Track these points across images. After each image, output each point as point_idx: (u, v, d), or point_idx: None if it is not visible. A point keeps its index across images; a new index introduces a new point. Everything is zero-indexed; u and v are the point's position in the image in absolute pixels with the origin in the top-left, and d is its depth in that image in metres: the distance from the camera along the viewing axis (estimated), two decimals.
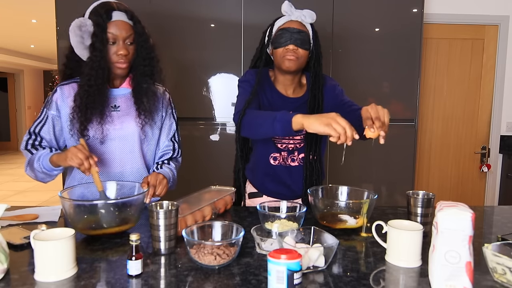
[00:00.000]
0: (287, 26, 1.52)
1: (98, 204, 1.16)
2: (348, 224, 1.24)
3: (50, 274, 0.90)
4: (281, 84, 1.61)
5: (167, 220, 1.05)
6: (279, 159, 1.61)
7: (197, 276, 0.93)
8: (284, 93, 1.60)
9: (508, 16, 3.23)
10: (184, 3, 2.64)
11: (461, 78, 3.27)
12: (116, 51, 1.37)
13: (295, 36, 1.50)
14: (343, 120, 1.17)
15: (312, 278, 0.93)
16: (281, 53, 1.52)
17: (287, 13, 1.54)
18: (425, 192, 1.24)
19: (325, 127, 1.17)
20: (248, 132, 1.44)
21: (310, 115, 1.24)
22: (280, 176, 1.61)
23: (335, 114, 1.19)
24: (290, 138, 1.59)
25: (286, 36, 1.50)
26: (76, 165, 1.25)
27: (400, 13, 2.75)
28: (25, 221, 1.29)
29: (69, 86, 1.45)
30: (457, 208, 0.88)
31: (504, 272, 0.89)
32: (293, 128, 1.25)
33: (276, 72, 1.62)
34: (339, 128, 1.15)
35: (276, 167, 1.61)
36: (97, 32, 1.34)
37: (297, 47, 1.50)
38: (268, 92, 1.59)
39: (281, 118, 1.27)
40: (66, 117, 1.42)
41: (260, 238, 1.06)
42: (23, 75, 10.13)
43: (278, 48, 1.52)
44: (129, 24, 1.39)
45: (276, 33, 1.53)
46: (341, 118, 1.18)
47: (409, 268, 0.99)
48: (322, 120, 1.18)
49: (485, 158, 3.35)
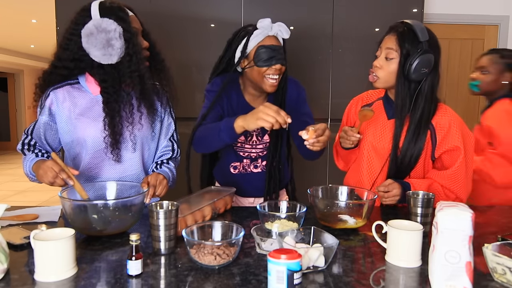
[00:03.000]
0: (268, 43, 1.45)
1: (98, 204, 1.16)
2: (348, 224, 1.24)
3: (50, 274, 0.90)
4: (250, 95, 1.59)
5: (167, 220, 1.05)
6: (239, 168, 1.62)
7: (197, 276, 0.93)
8: (250, 102, 1.59)
9: (508, 16, 3.23)
10: (184, 3, 2.64)
11: (461, 78, 3.27)
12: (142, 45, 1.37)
13: (279, 55, 1.45)
14: (271, 108, 1.23)
15: (312, 278, 0.93)
16: (264, 72, 1.45)
17: (266, 29, 1.46)
18: (425, 192, 1.24)
19: (257, 121, 1.25)
20: (201, 148, 1.50)
21: (247, 115, 1.29)
22: (239, 185, 1.61)
23: (262, 107, 1.25)
24: (252, 146, 1.61)
25: (270, 54, 1.44)
26: (48, 183, 1.21)
27: (400, 13, 2.76)
28: (25, 221, 1.29)
29: (63, 89, 1.39)
30: (457, 208, 0.88)
31: (504, 272, 0.89)
32: (237, 132, 1.32)
33: (246, 83, 1.57)
34: (269, 118, 1.23)
35: (235, 175, 1.63)
36: (126, 28, 1.29)
37: (281, 66, 1.46)
38: (234, 100, 1.57)
39: (225, 127, 1.34)
40: (64, 120, 1.39)
41: (260, 238, 1.06)
42: (23, 75, 10.13)
43: (263, 67, 1.45)
44: (137, 18, 1.39)
45: (257, 50, 1.45)
46: (269, 107, 1.24)
47: (409, 268, 0.99)
48: (254, 117, 1.26)
49: None
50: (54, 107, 1.39)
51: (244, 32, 1.49)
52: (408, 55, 1.37)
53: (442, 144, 1.42)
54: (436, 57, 1.39)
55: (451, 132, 1.41)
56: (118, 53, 1.29)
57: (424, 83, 1.40)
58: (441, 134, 1.41)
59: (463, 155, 1.40)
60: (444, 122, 1.41)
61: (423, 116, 1.41)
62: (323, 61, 2.78)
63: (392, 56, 1.40)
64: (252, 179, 1.64)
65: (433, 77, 1.41)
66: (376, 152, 1.51)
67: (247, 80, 1.55)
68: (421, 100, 1.41)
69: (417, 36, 1.36)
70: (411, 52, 1.37)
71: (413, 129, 1.41)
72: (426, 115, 1.41)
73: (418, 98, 1.41)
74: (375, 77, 1.46)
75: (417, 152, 1.42)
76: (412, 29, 1.37)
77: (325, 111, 2.82)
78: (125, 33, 1.30)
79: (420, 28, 1.37)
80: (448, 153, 1.43)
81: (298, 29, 2.73)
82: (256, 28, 1.48)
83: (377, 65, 1.44)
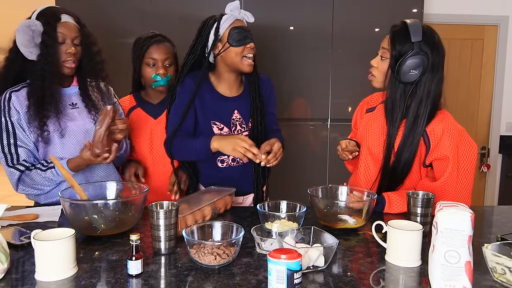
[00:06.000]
0: (238, 24, 1.53)
1: (98, 204, 1.16)
2: (348, 224, 1.24)
3: (50, 274, 0.90)
4: (224, 84, 1.62)
5: (167, 220, 1.05)
6: (227, 161, 1.63)
7: (197, 276, 0.93)
8: (225, 93, 1.62)
9: (507, 16, 3.23)
10: (184, 3, 2.64)
11: (460, 78, 3.27)
12: (65, 50, 1.42)
13: (250, 35, 1.54)
14: (245, 142, 1.41)
15: (312, 278, 0.93)
16: (240, 52, 1.51)
17: (235, 12, 1.54)
18: (424, 192, 1.24)
19: (232, 152, 1.44)
20: (179, 158, 1.62)
21: (222, 138, 1.48)
22: (230, 177, 1.64)
23: (239, 140, 1.42)
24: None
25: (244, 34, 1.51)
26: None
27: (400, 13, 2.75)
28: (25, 221, 1.29)
29: (22, 91, 1.44)
30: (457, 208, 0.88)
31: (504, 272, 0.89)
32: (213, 152, 1.50)
33: (220, 72, 1.60)
34: (243, 150, 1.40)
35: (224, 169, 1.64)
36: (47, 30, 1.38)
37: (253, 45, 1.54)
38: (208, 96, 1.59)
39: (201, 148, 1.50)
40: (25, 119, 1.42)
41: (260, 238, 1.06)
42: None
43: (238, 47, 1.51)
44: (76, 26, 1.46)
45: (230, 32, 1.51)
46: (243, 141, 1.41)
47: (409, 268, 0.99)
48: (229, 145, 1.44)
49: (485, 158, 3.35)
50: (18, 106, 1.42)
51: (213, 20, 1.56)
52: (398, 55, 1.32)
53: (433, 152, 1.35)
54: (434, 59, 1.33)
55: (442, 140, 1.33)
56: (36, 52, 1.39)
57: (417, 86, 1.34)
58: (434, 142, 1.34)
59: (451, 165, 1.32)
60: (438, 129, 1.34)
61: (415, 121, 1.35)
62: (323, 61, 2.78)
63: (385, 56, 1.38)
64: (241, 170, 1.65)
65: (430, 81, 1.34)
66: (373, 157, 1.48)
67: (222, 67, 1.58)
68: (414, 105, 1.35)
69: (410, 36, 1.31)
70: (402, 53, 1.31)
71: (406, 134, 1.36)
72: (420, 120, 1.34)
73: (411, 102, 1.36)
74: (372, 77, 1.45)
75: (409, 157, 1.37)
76: (406, 28, 1.32)
77: (325, 111, 2.81)
78: (44, 35, 1.38)
79: (415, 28, 1.31)
80: (438, 162, 1.36)
81: (298, 29, 2.73)
82: (223, 14, 1.55)
83: (373, 64, 1.43)
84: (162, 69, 1.66)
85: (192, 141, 1.53)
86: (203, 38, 1.57)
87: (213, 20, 1.55)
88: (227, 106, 1.61)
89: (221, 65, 1.58)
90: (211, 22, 1.55)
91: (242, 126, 1.63)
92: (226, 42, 1.52)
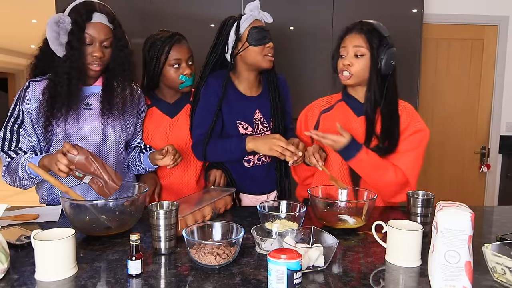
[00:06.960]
0: (257, 24, 1.55)
1: (98, 204, 1.16)
2: (348, 224, 1.24)
3: (50, 274, 0.90)
4: (244, 84, 1.63)
5: (167, 220, 1.05)
6: (253, 160, 1.65)
7: (197, 276, 0.93)
8: (246, 92, 1.63)
9: (507, 16, 3.23)
10: (184, 3, 2.64)
11: (460, 78, 3.27)
12: (91, 52, 1.36)
13: (269, 35, 1.56)
14: (281, 142, 1.40)
15: (312, 278, 0.93)
16: (260, 51, 1.53)
17: (254, 12, 1.56)
18: (424, 192, 1.24)
19: (269, 151, 1.43)
20: (213, 159, 1.63)
21: (257, 139, 1.48)
22: (256, 176, 1.67)
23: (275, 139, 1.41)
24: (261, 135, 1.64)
25: (263, 34, 1.53)
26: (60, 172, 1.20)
27: (400, 13, 2.75)
28: (25, 221, 1.29)
29: (42, 83, 1.41)
30: (457, 208, 0.88)
31: (504, 272, 0.89)
32: (248, 152, 1.51)
33: (241, 71, 1.61)
34: (280, 149, 1.40)
35: (250, 169, 1.65)
36: (74, 31, 1.33)
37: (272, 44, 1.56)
38: (232, 96, 1.60)
39: (236, 149, 1.52)
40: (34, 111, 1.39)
41: (260, 238, 1.06)
42: (23, 75, 10.11)
43: (258, 46, 1.53)
44: (108, 27, 1.39)
45: (250, 31, 1.53)
46: (279, 140, 1.41)
47: (409, 268, 0.99)
48: (266, 145, 1.44)
49: (485, 158, 3.35)
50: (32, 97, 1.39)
51: (233, 20, 1.57)
52: (378, 50, 1.43)
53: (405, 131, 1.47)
54: None
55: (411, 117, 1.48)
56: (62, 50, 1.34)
57: (391, 76, 1.47)
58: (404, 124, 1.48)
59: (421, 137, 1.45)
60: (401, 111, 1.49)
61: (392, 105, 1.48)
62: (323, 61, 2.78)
63: (361, 53, 1.44)
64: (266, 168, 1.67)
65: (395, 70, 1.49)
66: None
67: (242, 66, 1.59)
68: (391, 93, 1.47)
69: (381, 32, 1.44)
70: (379, 47, 1.43)
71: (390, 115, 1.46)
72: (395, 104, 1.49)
73: (388, 91, 1.47)
74: (348, 75, 1.46)
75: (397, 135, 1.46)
76: (374, 27, 1.45)
77: None
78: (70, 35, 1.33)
79: (380, 25, 1.47)
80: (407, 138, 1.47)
81: (298, 29, 2.73)
82: (242, 15, 1.58)
83: (348, 63, 1.46)
84: (188, 69, 1.62)
85: (225, 142, 1.54)
86: (224, 37, 1.58)
87: (233, 20, 1.57)
88: (250, 105, 1.62)
89: (240, 64, 1.60)
90: (231, 22, 1.57)
91: (264, 126, 1.64)
92: (245, 42, 1.54)
